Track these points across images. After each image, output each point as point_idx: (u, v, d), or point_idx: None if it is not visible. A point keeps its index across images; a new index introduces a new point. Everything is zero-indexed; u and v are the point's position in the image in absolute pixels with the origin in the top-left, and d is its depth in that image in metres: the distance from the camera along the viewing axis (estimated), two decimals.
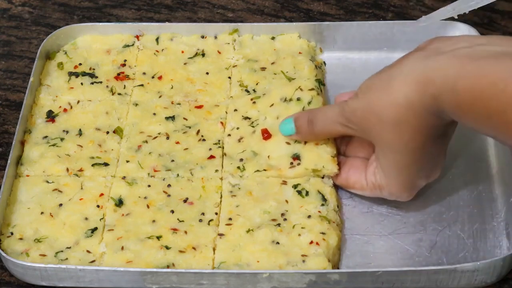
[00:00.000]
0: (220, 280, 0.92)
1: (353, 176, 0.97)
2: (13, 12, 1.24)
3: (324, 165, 0.98)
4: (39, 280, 0.93)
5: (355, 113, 0.91)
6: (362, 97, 0.90)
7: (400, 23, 1.15)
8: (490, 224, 0.99)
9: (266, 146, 1.00)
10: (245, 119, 1.04)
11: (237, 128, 1.03)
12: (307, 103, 1.04)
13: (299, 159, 0.98)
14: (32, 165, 1.02)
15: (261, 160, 0.99)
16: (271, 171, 0.98)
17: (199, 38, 1.16)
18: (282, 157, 0.99)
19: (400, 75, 0.86)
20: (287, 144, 0.99)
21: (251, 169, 0.99)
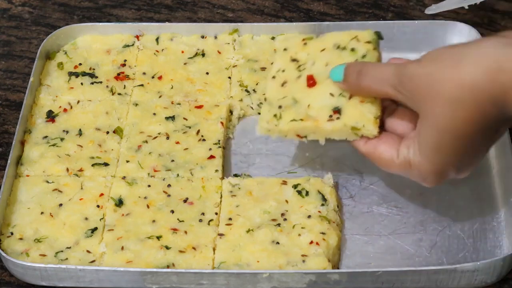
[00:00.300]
0: (220, 280, 0.92)
1: (383, 145, 0.90)
2: (13, 12, 1.24)
3: (365, 125, 0.89)
4: (39, 280, 0.93)
5: (412, 78, 0.83)
6: (426, 64, 0.83)
7: (400, 23, 1.15)
8: (490, 224, 0.99)
9: (309, 93, 0.92)
10: (293, 61, 0.95)
11: (282, 71, 0.95)
12: (361, 56, 0.93)
13: (339, 113, 0.90)
14: (32, 165, 1.02)
15: (300, 108, 0.91)
16: (308, 121, 0.90)
17: (199, 38, 1.16)
18: (322, 108, 0.90)
19: (474, 56, 0.79)
20: (331, 95, 0.91)
21: (287, 117, 0.92)
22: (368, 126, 0.89)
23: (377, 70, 0.87)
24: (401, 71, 0.84)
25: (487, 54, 0.79)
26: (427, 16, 1.21)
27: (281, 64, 0.94)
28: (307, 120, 0.90)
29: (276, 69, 0.94)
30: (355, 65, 0.89)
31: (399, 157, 0.88)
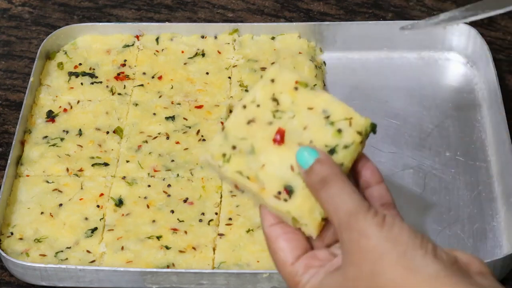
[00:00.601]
0: (220, 280, 0.92)
1: (288, 243, 0.74)
2: (13, 12, 1.24)
3: (308, 224, 0.73)
4: (39, 280, 0.93)
5: (353, 242, 0.69)
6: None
7: (400, 23, 1.15)
8: (490, 224, 0.99)
9: (270, 150, 0.74)
10: (273, 100, 0.76)
11: (257, 105, 0.76)
12: (343, 146, 0.75)
13: (289, 194, 0.73)
14: (32, 165, 1.02)
15: (252, 163, 0.74)
16: (254, 184, 0.73)
17: (199, 38, 1.16)
18: (275, 178, 0.73)
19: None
20: (291, 168, 0.74)
21: (235, 165, 0.74)
22: (310, 228, 0.73)
23: (340, 195, 0.71)
24: (354, 220, 0.69)
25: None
26: (427, 16, 1.21)
27: (259, 97, 0.76)
28: (252, 182, 0.74)
29: (250, 99, 0.76)
30: (326, 169, 0.73)
31: (293, 267, 0.74)
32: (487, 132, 1.07)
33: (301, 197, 0.73)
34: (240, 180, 0.74)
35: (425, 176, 1.03)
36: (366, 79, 1.14)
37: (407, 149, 1.06)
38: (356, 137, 0.75)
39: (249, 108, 0.76)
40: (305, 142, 0.74)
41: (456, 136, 1.07)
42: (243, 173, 0.74)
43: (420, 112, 1.10)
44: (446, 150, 1.06)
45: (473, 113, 1.10)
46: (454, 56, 1.16)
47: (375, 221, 0.68)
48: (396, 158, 1.05)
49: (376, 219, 0.68)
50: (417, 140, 1.07)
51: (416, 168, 1.04)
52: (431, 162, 1.05)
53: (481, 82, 1.12)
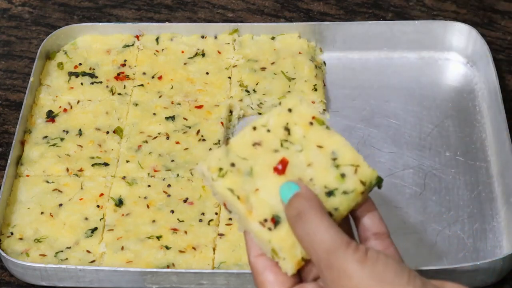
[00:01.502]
0: (220, 280, 0.92)
1: (274, 276, 0.72)
2: (13, 12, 1.24)
3: (286, 259, 0.71)
4: (39, 280, 0.93)
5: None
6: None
7: (400, 23, 1.15)
8: (490, 224, 0.99)
9: (268, 177, 0.73)
10: (285, 129, 0.75)
11: (267, 130, 0.75)
12: (342, 191, 0.74)
13: (275, 225, 0.71)
14: (32, 165, 1.02)
15: (247, 184, 0.73)
16: (242, 205, 0.72)
17: (199, 38, 1.16)
18: (265, 205, 0.72)
19: None
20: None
21: (229, 182, 0.73)
22: (287, 263, 0.71)
23: (317, 231, 0.69)
24: (334, 258, 0.67)
25: None
26: (427, 16, 1.21)
27: (272, 123, 0.76)
28: (241, 203, 0.72)
29: (263, 123, 0.75)
30: (302, 202, 0.70)
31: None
32: (487, 132, 1.07)
33: (286, 230, 0.71)
34: (230, 198, 0.73)
35: (425, 176, 1.03)
36: (366, 79, 1.14)
37: (407, 149, 1.06)
38: (358, 186, 0.73)
39: (259, 131, 0.75)
40: (305, 178, 0.73)
41: (456, 136, 1.07)
42: (235, 191, 0.72)
43: (420, 112, 1.10)
44: (446, 150, 1.06)
45: (473, 113, 1.10)
46: (454, 56, 1.16)
47: (356, 258, 0.65)
48: (396, 158, 1.05)
49: (357, 255, 0.65)
50: (417, 140, 1.07)
51: (416, 168, 1.04)
52: (431, 162, 1.05)
53: (481, 82, 1.12)
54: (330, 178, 0.73)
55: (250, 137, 0.75)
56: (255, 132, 0.75)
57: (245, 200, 0.72)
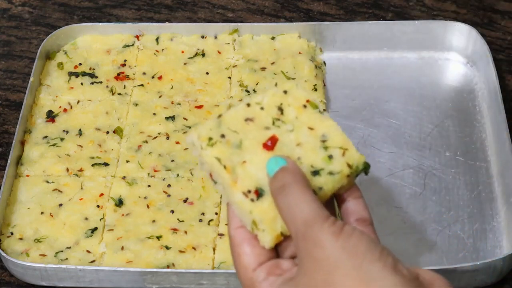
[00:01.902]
0: (220, 280, 0.92)
1: (251, 248, 0.72)
2: (13, 12, 1.24)
3: (265, 230, 0.71)
4: (39, 280, 0.93)
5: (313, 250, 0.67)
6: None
7: (400, 23, 1.15)
8: (490, 224, 0.99)
9: (256, 152, 0.74)
10: (278, 109, 0.77)
11: (261, 108, 0.76)
12: (328, 172, 0.74)
13: (258, 196, 0.72)
14: (32, 165, 1.02)
15: (234, 156, 0.74)
16: (227, 175, 0.73)
17: (199, 38, 1.16)
18: (251, 177, 0.73)
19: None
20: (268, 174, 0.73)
21: (217, 151, 0.74)
22: (266, 236, 0.72)
23: (298, 203, 0.69)
24: (310, 230, 0.67)
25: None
26: (427, 16, 1.21)
27: (266, 101, 0.77)
28: (228, 173, 0.73)
29: (257, 100, 0.77)
30: (287, 176, 0.71)
31: (254, 273, 0.72)
32: (487, 132, 1.07)
33: (268, 203, 0.72)
34: (216, 167, 0.73)
35: (425, 176, 1.03)
36: (366, 79, 1.14)
37: (407, 149, 1.06)
38: (344, 168, 0.74)
39: (252, 108, 0.76)
40: (293, 157, 0.74)
41: (456, 136, 1.07)
42: (222, 161, 0.73)
43: (420, 112, 1.10)
44: (446, 150, 1.06)
45: (473, 113, 1.10)
46: (454, 56, 1.16)
47: (331, 230, 0.66)
48: (396, 158, 1.05)
49: (333, 228, 0.66)
50: (417, 140, 1.07)
51: (416, 168, 1.04)
52: (431, 162, 1.05)
53: (481, 82, 1.12)
54: (318, 158, 0.74)
55: (243, 112, 0.76)
56: (249, 108, 0.77)
57: (231, 171, 0.73)
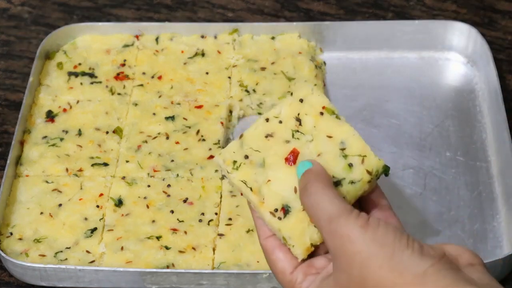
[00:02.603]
0: (220, 280, 0.91)
1: (285, 254, 0.75)
2: (12, 12, 1.24)
3: (295, 246, 0.73)
4: (39, 280, 0.93)
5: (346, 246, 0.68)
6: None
7: (400, 23, 1.15)
8: (490, 224, 0.99)
9: (279, 168, 0.76)
10: (297, 120, 0.78)
11: (279, 121, 0.77)
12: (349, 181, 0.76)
13: (285, 214, 0.74)
14: (32, 165, 1.02)
15: (259, 176, 0.76)
16: (254, 196, 0.75)
17: (199, 38, 1.16)
18: (276, 195, 0.75)
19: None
20: (294, 189, 0.75)
21: (242, 174, 0.76)
22: (297, 250, 0.74)
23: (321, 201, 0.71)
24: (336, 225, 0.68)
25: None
26: (427, 15, 1.21)
27: (284, 113, 0.78)
28: (254, 194, 0.76)
29: (275, 114, 0.78)
30: (309, 176, 0.73)
31: (292, 276, 0.74)
32: (487, 132, 1.07)
33: (295, 218, 0.74)
34: (244, 189, 0.76)
35: (425, 176, 1.03)
36: (366, 79, 1.14)
37: (407, 149, 1.06)
38: (365, 175, 0.75)
39: (271, 122, 0.78)
40: None
41: (456, 136, 1.07)
42: (248, 183, 0.76)
43: (420, 112, 1.10)
44: (446, 150, 1.06)
45: (473, 113, 1.10)
46: (454, 56, 1.16)
47: (359, 224, 0.67)
48: (396, 158, 1.05)
49: (359, 221, 0.67)
50: (417, 140, 1.07)
51: (416, 168, 1.04)
52: (431, 162, 1.05)
53: (481, 82, 1.12)
54: (338, 168, 0.76)
55: (263, 129, 0.78)
56: (268, 123, 0.78)
57: (257, 192, 0.76)
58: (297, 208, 0.74)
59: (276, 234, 0.75)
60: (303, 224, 0.74)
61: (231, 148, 0.77)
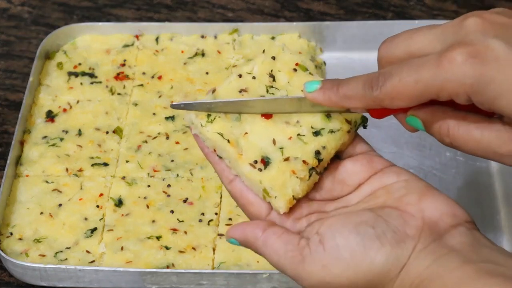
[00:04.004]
0: (220, 280, 0.91)
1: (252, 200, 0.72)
2: (12, 12, 1.24)
3: (277, 197, 0.71)
4: (39, 281, 0.93)
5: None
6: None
7: (400, 23, 1.15)
8: (490, 224, 0.99)
9: (256, 121, 0.74)
10: (270, 76, 0.76)
11: (253, 77, 0.76)
12: (329, 130, 0.74)
13: (265, 165, 0.72)
14: (32, 165, 1.02)
15: (236, 129, 0.73)
16: (232, 148, 0.72)
17: (199, 38, 1.16)
18: (255, 147, 0.72)
19: None
20: (272, 142, 0.73)
21: (218, 126, 0.73)
22: (279, 201, 0.71)
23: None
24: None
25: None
26: (428, 15, 1.21)
27: (257, 70, 0.77)
28: (232, 146, 0.73)
29: (248, 69, 0.77)
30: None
31: (268, 218, 0.71)
32: None
33: (276, 170, 0.72)
34: (220, 142, 0.73)
35: (425, 176, 1.03)
36: None
37: (407, 149, 1.06)
38: (344, 124, 0.74)
39: (244, 78, 0.77)
40: (292, 121, 0.74)
41: None
42: (224, 135, 0.74)
43: None
44: (447, 150, 1.06)
45: None
46: None
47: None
48: (396, 158, 1.05)
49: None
50: (417, 140, 1.07)
51: (416, 168, 1.04)
52: (432, 162, 1.05)
53: None
54: (317, 119, 0.74)
55: (236, 84, 0.76)
56: (241, 79, 0.77)
57: (235, 144, 0.73)
58: (277, 159, 0.72)
59: (255, 189, 0.73)
60: (284, 176, 0.72)
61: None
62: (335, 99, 0.69)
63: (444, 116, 0.67)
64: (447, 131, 0.67)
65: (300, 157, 0.72)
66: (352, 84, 0.68)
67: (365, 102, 0.68)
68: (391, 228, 0.64)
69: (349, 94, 0.68)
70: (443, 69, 0.62)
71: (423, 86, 0.64)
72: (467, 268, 0.61)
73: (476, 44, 0.61)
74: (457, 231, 0.64)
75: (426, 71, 0.63)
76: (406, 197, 0.67)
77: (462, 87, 0.62)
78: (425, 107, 0.68)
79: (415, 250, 0.63)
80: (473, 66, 0.61)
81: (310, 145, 0.73)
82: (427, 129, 0.69)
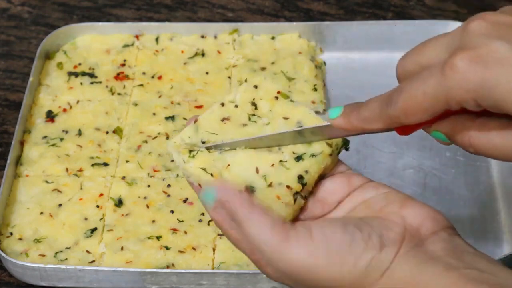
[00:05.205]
0: (220, 280, 0.91)
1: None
2: (12, 11, 1.24)
3: None
4: (39, 281, 0.93)
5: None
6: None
7: (400, 23, 1.15)
8: (490, 224, 0.99)
9: (237, 151, 0.74)
10: (252, 104, 0.77)
11: (235, 106, 0.77)
12: (310, 154, 0.74)
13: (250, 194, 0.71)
14: (32, 165, 1.02)
15: (218, 161, 0.73)
16: (215, 182, 0.71)
17: (199, 38, 1.16)
18: (238, 178, 0.72)
19: None
20: (256, 170, 0.73)
21: (200, 161, 0.73)
22: None
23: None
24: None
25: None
26: (428, 16, 1.21)
27: (239, 98, 0.78)
28: (215, 180, 0.73)
29: (230, 99, 0.78)
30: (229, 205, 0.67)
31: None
32: None
33: (262, 196, 0.72)
34: (203, 176, 0.73)
35: (425, 176, 1.03)
36: (366, 79, 1.14)
37: (407, 149, 1.06)
38: (325, 148, 0.74)
39: (227, 107, 0.77)
40: (274, 148, 0.74)
41: None
42: (207, 170, 0.74)
43: None
44: (447, 150, 1.06)
45: None
46: None
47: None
48: (396, 158, 1.05)
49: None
50: (417, 140, 1.07)
51: (416, 168, 1.04)
52: (432, 162, 1.05)
53: None
54: (298, 145, 0.75)
55: (219, 113, 0.77)
56: (223, 108, 0.77)
57: (219, 177, 0.74)
58: (262, 187, 0.72)
59: None
60: (269, 201, 0.71)
61: (185, 133, 0.75)
62: (356, 123, 0.69)
63: (463, 127, 0.66)
64: (469, 141, 0.66)
65: (284, 183, 0.72)
66: (370, 105, 0.68)
67: (384, 122, 0.67)
68: (376, 232, 0.64)
69: (369, 116, 0.67)
70: (446, 77, 0.61)
71: (431, 97, 0.62)
72: (451, 275, 0.60)
73: (479, 48, 0.60)
74: (438, 237, 0.64)
75: (431, 82, 0.62)
76: (387, 207, 0.66)
77: (467, 94, 0.60)
78: (446, 119, 0.67)
79: (397, 255, 0.63)
80: (475, 71, 0.60)
81: (293, 171, 0.73)
82: (452, 141, 0.68)
